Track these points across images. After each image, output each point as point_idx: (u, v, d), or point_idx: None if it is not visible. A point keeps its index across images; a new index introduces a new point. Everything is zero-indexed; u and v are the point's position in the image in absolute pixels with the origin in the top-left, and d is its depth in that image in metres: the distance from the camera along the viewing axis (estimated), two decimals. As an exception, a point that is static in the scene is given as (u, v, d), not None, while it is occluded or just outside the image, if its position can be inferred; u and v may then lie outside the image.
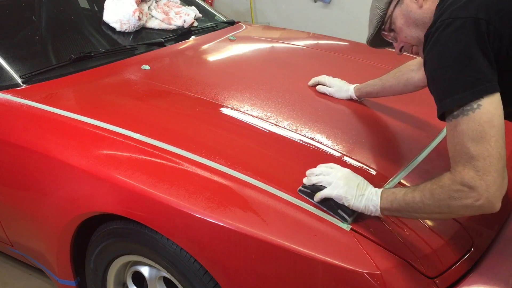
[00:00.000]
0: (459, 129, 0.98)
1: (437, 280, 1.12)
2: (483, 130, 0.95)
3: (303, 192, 1.21)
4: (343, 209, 1.15)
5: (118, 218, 1.38)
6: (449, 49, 1.00)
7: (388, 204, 1.10)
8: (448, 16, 1.02)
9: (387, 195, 1.11)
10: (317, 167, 1.23)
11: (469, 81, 0.97)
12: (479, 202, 0.95)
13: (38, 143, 1.51)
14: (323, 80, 1.81)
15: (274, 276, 1.16)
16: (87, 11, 2.48)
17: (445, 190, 0.99)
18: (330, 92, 1.77)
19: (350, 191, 1.14)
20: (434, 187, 1.01)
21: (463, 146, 0.97)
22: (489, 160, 0.94)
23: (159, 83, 1.81)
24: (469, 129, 0.96)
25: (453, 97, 0.98)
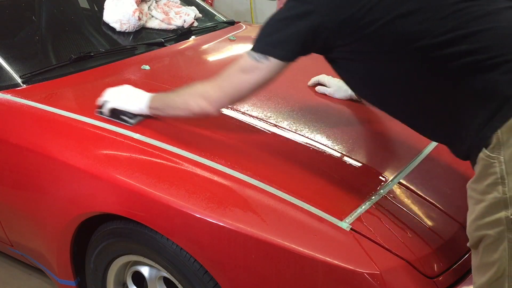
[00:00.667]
0: (238, 59, 1.21)
1: (437, 280, 1.12)
2: (247, 72, 1.19)
3: (98, 113, 1.48)
4: (126, 114, 1.44)
5: (118, 218, 1.38)
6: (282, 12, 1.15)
7: (154, 103, 1.40)
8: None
9: (155, 98, 1.41)
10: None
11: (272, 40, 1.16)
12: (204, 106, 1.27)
13: (38, 143, 1.51)
14: (322, 80, 1.80)
15: (274, 276, 1.16)
16: (87, 11, 2.47)
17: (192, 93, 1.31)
18: (329, 92, 1.76)
19: (124, 98, 1.44)
20: (188, 90, 1.34)
21: (227, 69, 1.24)
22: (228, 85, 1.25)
23: (159, 83, 1.81)
24: (238, 64, 1.21)
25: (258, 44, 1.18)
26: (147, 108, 1.41)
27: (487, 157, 0.95)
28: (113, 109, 1.45)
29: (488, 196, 0.95)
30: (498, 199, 0.94)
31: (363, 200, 1.24)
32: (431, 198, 1.31)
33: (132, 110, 1.43)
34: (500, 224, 0.94)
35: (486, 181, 0.96)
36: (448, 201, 1.33)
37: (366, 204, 1.22)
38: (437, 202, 1.31)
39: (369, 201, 1.24)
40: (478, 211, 0.97)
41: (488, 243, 0.97)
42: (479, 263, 1.00)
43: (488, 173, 0.95)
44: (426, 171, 1.41)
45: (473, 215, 0.99)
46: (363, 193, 1.26)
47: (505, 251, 0.95)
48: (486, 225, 0.96)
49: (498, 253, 0.96)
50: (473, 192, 1.00)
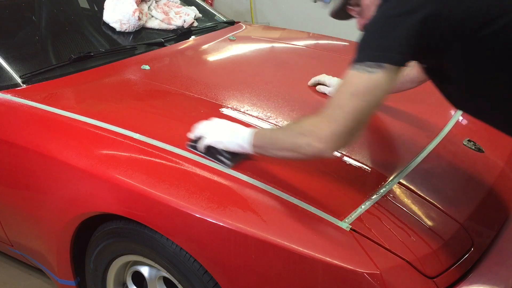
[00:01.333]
0: (345, 77, 1.02)
1: (437, 280, 1.12)
2: (357, 89, 1.00)
3: (190, 147, 1.34)
4: (222, 154, 1.28)
5: (118, 218, 1.38)
6: (386, 12, 1.01)
7: (259, 142, 1.19)
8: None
9: (258, 135, 1.20)
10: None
11: (382, 44, 1.00)
12: (314, 144, 1.04)
13: (38, 143, 1.51)
14: (323, 79, 1.80)
15: (274, 276, 1.16)
16: (87, 11, 2.48)
17: (296, 129, 1.10)
18: (329, 92, 1.75)
19: (223, 134, 1.26)
20: (291, 124, 1.20)
21: (337, 94, 1.04)
22: (340, 117, 1.02)
23: (159, 83, 1.81)
24: (347, 82, 1.02)
25: (365, 53, 1.01)
26: (250, 146, 1.20)
27: None
28: (209, 147, 1.30)
29: None
30: None
31: (363, 200, 1.24)
32: (431, 198, 1.31)
33: (232, 148, 1.25)
34: None
35: None
36: (448, 201, 1.33)
37: (366, 204, 1.22)
38: (437, 202, 1.31)
39: (369, 201, 1.24)
40: None
41: None
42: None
43: None
44: (426, 171, 1.41)
45: None
46: (363, 193, 1.27)
47: None
48: None
49: None
50: None
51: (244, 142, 1.21)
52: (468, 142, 1.57)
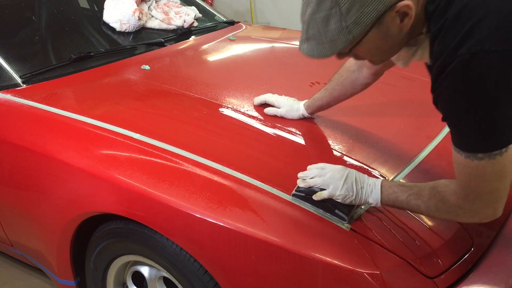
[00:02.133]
0: (481, 170, 0.94)
1: (437, 280, 1.12)
2: (505, 170, 0.94)
3: (298, 196, 1.19)
4: (340, 208, 1.15)
5: (118, 218, 1.38)
6: (483, 87, 0.88)
7: (390, 202, 1.13)
8: (475, 48, 0.87)
9: (388, 193, 1.13)
10: (308, 169, 1.21)
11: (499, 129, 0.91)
12: (485, 220, 1.03)
13: (38, 143, 1.51)
14: (270, 99, 1.61)
15: (274, 276, 1.16)
16: (87, 11, 2.47)
17: (452, 209, 1.04)
18: (280, 114, 1.58)
19: (349, 187, 1.14)
20: (440, 205, 1.05)
21: (479, 185, 0.97)
22: (502, 193, 0.98)
23: (159, 83, 1.81)
24: (493, 172, 0.94)
25: (487, 143, 0.92)
26: (379, 204, 1.15)
27: None
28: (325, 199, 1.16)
29: None
30: None
31: (363, 200, 1.24)
32: (431, 198, 1.31)
33: (359, 202, 1.16)
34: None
35: None
36: (448, 201, 1.33)
37: (366, 204, 1.22)
38: (437, 202, 1.30)
39: (369, 201, 1.24)
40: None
41: None
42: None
43: None
44: (426, 171, 1.41)
45: None
46: (363, 193, 1.26)
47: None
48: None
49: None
50: None
51: (372, 200, 1.14)
52: (468, 142, 1.57)
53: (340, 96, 1.56)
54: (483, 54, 0.86)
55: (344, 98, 1.57)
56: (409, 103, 1.77)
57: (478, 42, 0.86)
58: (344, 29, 0.98)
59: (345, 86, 1.53)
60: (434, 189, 1.07)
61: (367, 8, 0.95)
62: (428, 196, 1.07)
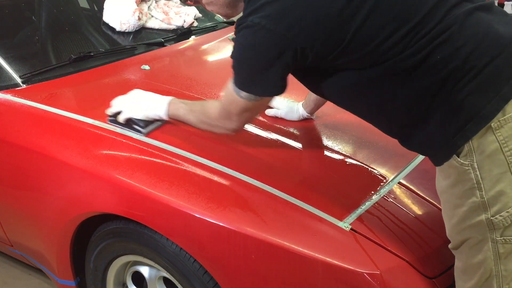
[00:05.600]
0: (235, 99, 1.16)
1: (437, 280, 1.12)
2: (250, 109, 1.19)
3: (111, 121, 1.45)
4: (137, 123, 1.40)
5: (118, 218, 1.38)
6: (250, 50, 1.08)
7: (174, 116, 1.39)
8: (257, 20, 1.03)
9: (173, 109, 1.38)
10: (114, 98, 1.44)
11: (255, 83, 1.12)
12: (227, 132, 1.29)
13: (38, 143, 1.51)
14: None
15: (274, 276, 1.16)
16: (87, 11, 2.47)
17: (210, 122, 1.29)
18: (280, 115, 1.60)
19: (138, 106, 1.40)
20: (203, 118, 1.31)
21: (232, 109, 1.20)
22: (242, 121, 1.25)
23: (159, 83, 1.81)
24: (244, 106, 1.16)
25: (243, 87, 1.13)
26: (166, 117, 1.41)
27: (461, 165, 0.98)
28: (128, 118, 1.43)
29: (467, 200, 0.98)
30: (477, 203, 0.97)
31: (363, 200, 1.24)
32: (431, 198, 1.31)
33: (150, 118, 1.42)
34: (481, 225, 0.98)
35: (463, 186, 0.98)
36: (448, 201, 1.33)
37: (366, 204, 1.22)
38: (437, 202, 1.30)
39: (369, 201, 1.24)
40: (459, 215, 1.00)
41: (472, 245, 1.00)
42: (465, 265, 1.04)
43: (464, 179, 0.98)
44: (426, 171, 1.41)
45: (454, 219, 1.02)
46: (363, 193, 1.26)
47: (490, 251, 0.98)
48: (469, 227, 1.00)
49: (483, 254, 0.99)
50: (451, 197, 1.02)
51: (162, 113, 1.39)
52: (468, 142, 1.57)
53: None
54: (258, 26, 1.02)
55: None
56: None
57: (260, 17, 1.02)
58: None
59: None
60: (202, 105, 1.35)
61: None
62: (198, 112, 1.33)
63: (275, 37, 1.02)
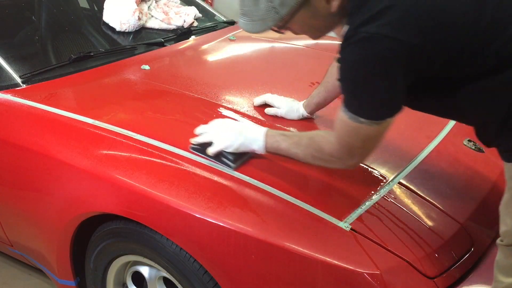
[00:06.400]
0: (357, 130, 1.06)
1: (437, 280, 1.12)
2: (376, 136, 1.09)
3: (194, 149, 1.32)
4: (226, 156, 1.28)
5: (118, 218, 1.38)
6: (369, 66, 0.98)
7: (273, 150, 1.26)
8: (374, 30, 0.95)
9: (271, 142, 1.25)
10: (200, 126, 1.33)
11: (374, 106, 1.03)
12: (348, 168, 1.18)
13: (38, 143, 1.51)
14: (270, 100, 1.62)
15: (274, 276, 1.16)
16: (87, 11, 2.47)
17: (324, 158, 1.16)
18: (281, 114, 1.59)
19: (231, 138, 1.26)
20: (315, 153, 1.18)
21: (353, 141, 1.09)
22: (368, 152, 1.14)
23: (159, 83, 1.81)
24: (367, 135, 1.07)
25: (361, 111, 1.03)
26: (264, 151, 1.27)
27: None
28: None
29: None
30: None
31: (363, 200, 1.24)
32: (431, 198, 1.31)
33: (243, 150, 1.29)
34: None
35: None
36: (448, 201, 1.33)
37: (366, 204, 1.22)
38: (437, 202, 1.31)
39: (369, 201, 1.24)
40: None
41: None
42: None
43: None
44: (426, 171, 1.41)
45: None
46: (363, 193, 1.26)
47: None
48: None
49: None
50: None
51: (257, 147, 1.26)
52: (468, 142, 1.57)
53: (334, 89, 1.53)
54: (378, 36, 0.94)
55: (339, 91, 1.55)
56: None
57: (378, 25, 0.95)
58: (272, 9, 1.06)
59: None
60: (312, 139, 1.20)
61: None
62: (306, 146, 1.19)
63: (399, 47, 0.94)
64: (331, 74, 1.53)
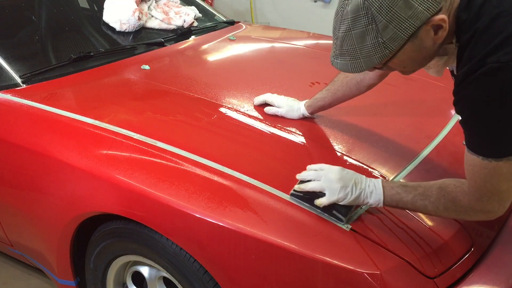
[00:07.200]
0: (498, 171, 0.98)
1: (437, 280, 1.12)
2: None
3: (296, 196, 1.18)
4: (338, 209, 1.15)
5: (118, 218, 1.38)
6: (507, 97, 0.92)
7: (393, 203, 1.14)
8: (507, 58, 0.90)
9: (391, 194, 1.13)
10: (307, 169, 1.22)
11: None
12: (494, 217, 1.07)
13: (38, 143, 1.51)
14: (270, 99, 1.62)
15: (274, 276, 1.16)
16: (87, 11, 2.47)
17: (461, 210, 1.07)
18: (281, 113, 1.58)
19: (347, 190, 1.14)
20: (449, 205, 1.07)
21: (495, 185, 1.00)
22: (507, 194, 1.03)
23: (159, 83, 1.81)
24: (509, 172, 0.98)
25: (502, 150, 0.97)
26: (381, 205, 1.16)
27: None
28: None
29: None
30: None
31: (363, 200, 1.24)
32: (431, 198, 1.31)
33: (358, 203, 1.17)
34: None
35: None
36: (448, 201, 1.33)
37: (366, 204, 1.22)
38: (437, 202, 1.30)
39: (369, 201, 1.23)
40: None
41: None
42: None
43: None
44: (426, 171, 1.41)
45: None
46: (363, 193, 1.26)
47: None
48: None
49: None
50: None
51: (373, 201, 1.14)
52: (468, 142, 1.57)
53: (343, 96, 1.56)
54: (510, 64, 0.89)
55: (346, 99, 1.57)
56: (409, 103, 1.77)
57: (508, 53, 0.89)
58: (381, 44, 0.99)
59: (349, 87, 1.53)
60: (443, 189, 1.08)
61: (404, 24, 0.96)
62: (436, 197, 1.08)
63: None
64: (344, 83, 1.53)
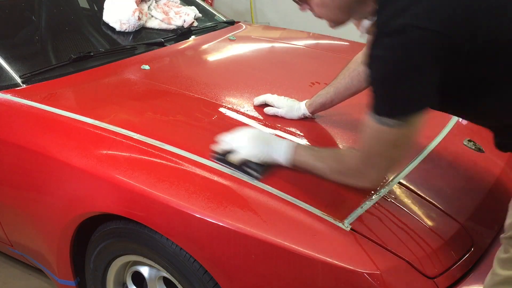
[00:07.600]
0: (387, 135, 1.03)
1: (437, 280, 1.12)
2: (407, 140, 1.06)
3: (215, 158, 1.28)
4: (251, 166, 1.24)
5: (118, 218, 1.38)
6: (400, 62, 0.96)
7: (298, 163, 1.23)
8: (404, 21, 0.94)
9: (299, 156, 1.22)
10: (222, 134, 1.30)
11: (408, 101, 1.01)
12: (371, 184, 1.18)
13: (38, 143, 1.51)
14: (270, 100, 1.62)
15: (274, 276, 1.16)
16: (87, 11, 2.48)
17: (350, 172, 1.15)
18: (281, 114, 1.58)
19: (257, 148, 1.23)
20: (341, 167, 1.17)
21: (377, 148, 1.07)
22: (387, 165, 1.12)
23: (159, 83, 1.81)
24: (397, 139, 1.04)
25: (391, 111, 1.01)
26: (288, 164, 1.24)
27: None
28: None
29: None
30: None
31: (363, 200, 1.24)
32: (431, 198, 1.31)
33: (268, 161, 1.25)
34: None
35: None
36: (448, 201, 1.33)
37: (366, 204, 1.22)
38: (437, 202, 1.31)
39: (369, 201, 1.24)
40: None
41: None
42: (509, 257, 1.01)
43: None
44: (426, 171, 1.41)
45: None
46: (363, 193, 1.26)
47: None
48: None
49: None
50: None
51: (282, 159, 1.23)
52: (468, 142, 1.57)
53: (345, 91, 1.54)
54: (411, 28, 0.93)
55: (348, 94, 1.55)
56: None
57: (410, 16, 0.93)
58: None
59: (351, 79, 1.51)
60: (335, 152, 1.21)
61: None
62: (328, 157, 1.19)
63: (431, 37, 0.93)
64: (344, 76, 1.53)
